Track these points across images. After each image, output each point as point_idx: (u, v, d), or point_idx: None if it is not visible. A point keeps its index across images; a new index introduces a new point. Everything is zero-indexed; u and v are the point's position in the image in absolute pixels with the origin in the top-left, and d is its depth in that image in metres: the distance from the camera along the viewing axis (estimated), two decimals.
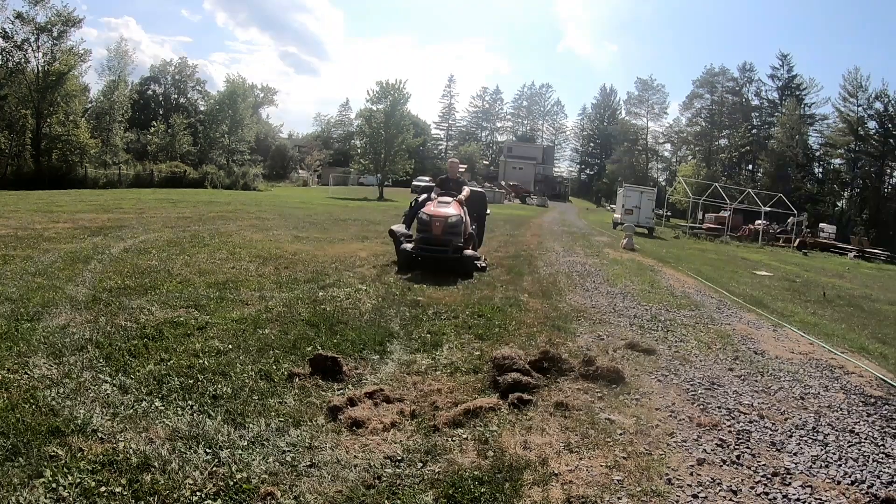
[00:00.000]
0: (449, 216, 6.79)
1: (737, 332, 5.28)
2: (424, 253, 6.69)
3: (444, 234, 6.68)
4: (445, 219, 6.74)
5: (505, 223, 17.87)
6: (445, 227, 6.70)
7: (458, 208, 7.07)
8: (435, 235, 6.68)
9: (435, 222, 6.74)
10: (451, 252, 6.64)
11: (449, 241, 6.68)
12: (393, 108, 35.95)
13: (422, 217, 6.93)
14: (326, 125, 76.13)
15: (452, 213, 6.85)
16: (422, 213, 6.98)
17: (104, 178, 29.47)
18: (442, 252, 6.63)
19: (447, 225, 6.72)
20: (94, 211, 11.64)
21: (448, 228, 6.72)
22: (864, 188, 48.90)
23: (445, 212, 6.86)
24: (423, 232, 6.83)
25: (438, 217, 6.78)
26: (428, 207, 7.05)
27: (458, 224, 6.84)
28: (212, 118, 44.23)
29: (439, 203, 7.10)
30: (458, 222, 6.86)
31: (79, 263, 5.54)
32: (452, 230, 6.75)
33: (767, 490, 2.32)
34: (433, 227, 6.73)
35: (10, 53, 28.44)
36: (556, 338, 4.29)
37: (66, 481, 1.90)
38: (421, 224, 6.93)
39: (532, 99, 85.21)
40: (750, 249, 21.48)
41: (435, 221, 6.74)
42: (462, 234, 6.93)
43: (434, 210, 6.93)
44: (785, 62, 58.97)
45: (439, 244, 6.65)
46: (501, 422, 2.70)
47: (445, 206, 7.02)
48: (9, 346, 3.07)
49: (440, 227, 6.69)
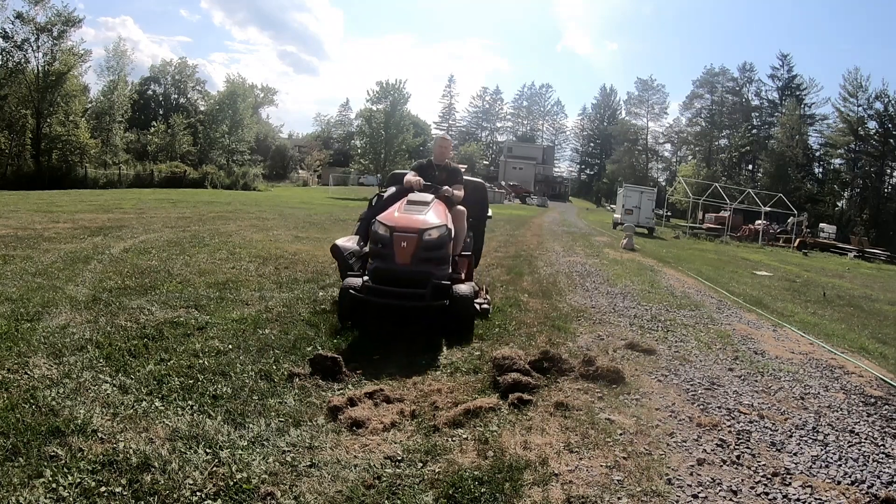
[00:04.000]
0: (425, 228, 3.93)
1: (737, 332, 5.28)
2: (380, 298, 3.77)
3: (417, 262, 3.86)
4: (418, 233, 3.88)
5: (505, 223, 17.87)
6: (418, 248, 3.86)
7: (443, 213, 4.25)
8: (399, 264, 3.85)
9: (399, 241, 3.85)
10: (429, 295, 3.79)
11: (425, 273, 3.86)
12: (393, 108, 36.02)
13: (376, 230, 4.00)
14: (326, 125, 76.27)
15: (432, 224, 3.98)
16: (377, 221, 4.06)
17: (104, 178, 29.51)
18: (412, 295, 3.79)
19: (421, 244, 3.88)
20: (94, 211, 11.64)
21: (423, 251, 3.89)
22: (864, 188, 48.89)
23: (418, 220, 3.98)
24: (378, 257, 3.97)
25: (405, 230, 3.88)
26: (389, 212, 4.17)
27: (441, 241, 3.99)
28: (212, 118, 44.30)
29: (409, 205, 4.20)
30: (442, 238, 4.00)
31: (79, 263, 5.54)
32: (431, 253, 3.94)
33: (767, 490, 2.32)
34: (396, 248, 3.86)
35: (10, 53, 28.49)
36: (556, 338, 4.29)
37: (66, 481, 1.89)
38: (376, 242, 4.01)
39: (532, 99, 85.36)
40: (750, 249, 21.48)
41: (399, 239, 3.86)
42: (448, 257, 4.13)
43: (398, 218, 4.01)
44: (785, 62, 59.11)
45: (407, 279, 3.83)
46: (501, 422, 2.70)
47: (419, 209, 4.13)
48: (9, 346, 3.06)
49: (409, 249, 3.85)
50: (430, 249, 3.94)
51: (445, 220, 4.17)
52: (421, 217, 4.05)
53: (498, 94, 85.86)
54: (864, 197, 48.65)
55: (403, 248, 3.86)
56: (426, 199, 4.30)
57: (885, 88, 46.97)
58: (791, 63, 58.89)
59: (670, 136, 69.64)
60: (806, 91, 57.24)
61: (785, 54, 60.44)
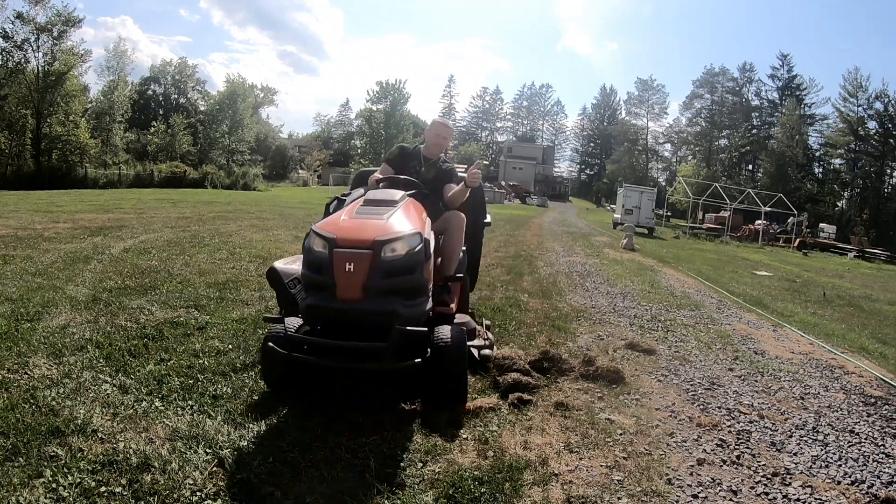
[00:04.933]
0: (384, 240, 2.53)
1: (737, 332, 5.28)
2: (310, 356, 2.48)
3: (372, 295, 2.49)
4: (372, 249, 2.49)
5: (505, 223, 17.87)
6: (373, 271, 2.48)
7: (417, 217, 2.88)
8: (343, 299, 2.48)
9: (342, 261, 2.48)
10: (391, 349, 2.44)
11: (386, 313, 2.48)
12: (393, 108, 36.06)
13: (310, 246, 2.63)
14: (326, 125, 76.21)
15: (395, 233, 2.60)
16: (311, 232, 2.66)
17: (104, 178, 29.52)
18: (364, 352, 2.46)
19: (378, 266, 2.49)
20: (94, 211, 11.64)
21: (382, 276, 2.50)
22: (864, 188, 48.88)
23: (373, 228, 2.61)
24: (314, 288, 2.59)
25: (352, 244, 2.51)
26: (332, 218, 2.84)
27: (411, 261, 2.58)
28: (212, 118, 44.32)
29: (367, 206, 2.87)
30: (413, 256, 2.58)
31: (79, 263, 5.54)
32: (395, 280, 2.54)
33: (767, 490, 2.32)
34: (338, 273, 2.48)
35: (10, 53, 28.51)
36: (556, 338, 4.29)
37: (66, 481, 1.89)
38: (310, 265, 2.62)
39: (532, 99, 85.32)
40: (750, 249, 21.48)
41: (342, 259, 2.48)
42: (424, 285, 2.69)
43: (344, 226, 2.66)
44: (785, 62, 59.07)
45: (357, 323, 2.54)
46: (501, 422, 2.70)
47: (379, 212, 2.77)
48: (9, 346, 3.06)
49: (358, 275, 2.47)
50: (394, 273, 2.48)
51: (419, 227, 2.67)
52: (379, 223, 2.60)
53: (498, 94, 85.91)
54: (864, 197, 48.64)
55: (349, 273, 2.40)
56: (392, 196, 2.91)
57: (885, 88, 47.02)
58: (791, 63, 58.92)
59: (670, 136, 69.65)
60: (806, 91, 57.26)
61: (785, 54, 60.48)
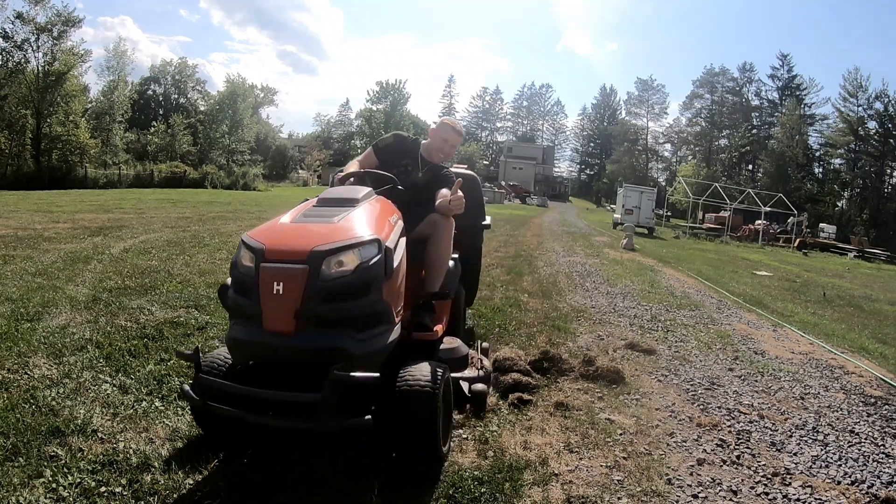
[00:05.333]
0: (324, 250, 1.86)
1: (737, 332, 5.29)
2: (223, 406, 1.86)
3: (309, 327, 1.83)
4: (307, 263, 1.83)
5: (505, 223, 17.87)
6: (310, 294, 1.82)
7: (377, 220, 2.17)
8: (271, 332, 1.83)
9: (269, 279, 1.82)
10: (324, 403, 1.76)
11: (326, 351, 1.83)
12: (393, 108, 36.09)
13: (239, 259, 1.96)
14: (326, 125, 76.10)
15: (340, 240, 1.91)
16: (241, 242, 1.97)
17: (104, 179, 29.49)
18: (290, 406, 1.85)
19: (316, 287, 1.82)
20: (94, 211, 11.64)
21: (322, 301, 1.83)
22: (864, 188, 48.86)
23: (312, 235, 1.96)
24: (241, 317, 1.93)
25: (281, 257, 1.86)
26: (270, 223, 2.13)
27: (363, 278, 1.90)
28: (212, 118, 44.30)
29: (319, 206, 2.23)
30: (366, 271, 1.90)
31: (79, 263, 5.54)
32: (340, 306, 1.86)
33: (767, 490, 2.32)
34: (264, 297, 1.83)
35: (10, 53, 28.48)
36: (556, 338, 4.29)
37: (66, 481, 1.90)
38: (236, 285, 1.97)
39: (532, 99, 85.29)
40: (750, 249, 21.48)
41: (269, 276, 1.83)
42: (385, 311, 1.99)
43: (278, 231, 2.04)
44: (785, 62, 59.09)
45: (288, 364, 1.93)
46: (501, 422, 2.70)
47: (327, 214, 2.11)
48: (9, 346, 3.06)
49: (288, 300, 1.81)
50: (339, 296, 1.86)
51: (379, 233, 2.03)
52: (323, 228, 1.99)
53: (498, 94, 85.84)
54: (864, 197, 48.63)
55: (277, 295, 1.81)
56: (353, 194, 2.28)
57: (885, 88, 47.01)
58: (791, 63, 58.93)
59: (670, 136, 69.65)
60: (806, 91, 57.27)
61: (785, 54, 60.48)
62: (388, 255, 2.03)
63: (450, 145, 3.07)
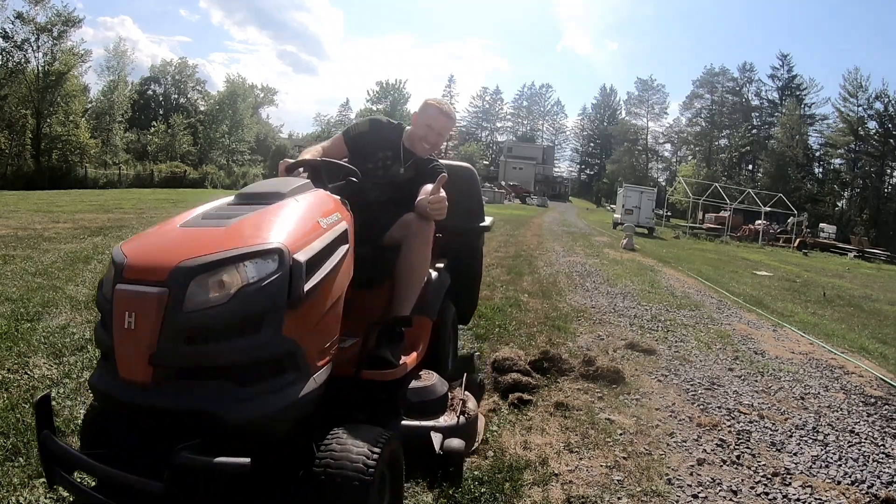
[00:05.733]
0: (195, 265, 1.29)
1: (737, 332, 5.28)
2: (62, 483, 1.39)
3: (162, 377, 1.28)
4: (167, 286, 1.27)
5: (505, 223, 17.86)
6: (162, 335, 1.26)
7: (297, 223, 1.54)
8: (124, 380, 1.29)
9: (122, 309, 1.27)
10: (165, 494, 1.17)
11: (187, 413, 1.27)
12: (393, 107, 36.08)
13: (104, 280, 1.42)
14: (326, 125, 76.03)
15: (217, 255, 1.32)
16: (112, 252, 1.42)
17: (104, 178, 29.54)
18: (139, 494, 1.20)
19: (174, 325, 1.26)
20: (95, 211, 11.64)
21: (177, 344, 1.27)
22: (864, 188, 48.89)
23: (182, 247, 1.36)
24: (103, 356, 1.44)
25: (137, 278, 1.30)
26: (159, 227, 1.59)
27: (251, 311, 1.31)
28: (212, 118, 44.36)
29: (231, 206, 1.67)
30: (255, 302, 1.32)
31: (79, 263, 5.53)
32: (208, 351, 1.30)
33: (767, 490, 2.32)
34: (116, 336, 1.29)
35: (11, 53, 28.55)
36: (556, 338, 4.29)
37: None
38: (101, 312, 1.42)
39: (532, 99, 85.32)
40: (750, 249, 21.48)
41: (122, 304, 1.27)
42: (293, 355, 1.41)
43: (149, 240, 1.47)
44: (785, 62, 59.15)
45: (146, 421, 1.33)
46: (501, 422, 2.70)
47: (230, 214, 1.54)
48: (9, 346, 3.06)
49: (140, 342, 1.26)
50: (210, 335, 1.31)
51: (286, 240, 1.45)
52: (209, 234, 1.45)
53: (498, 94, 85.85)
54: (864, 197, 48.65)
55: (129, 332, 1.29)
56: (279, 188, 1.75)
57: (885, 88, 47.08)
58: (791, 63, 58.99)
59: (670, 136, 69.69)
60: (806, 91, 57.30)
61: (785, 54, 60.53)
62: (297, 271, 1.41)
63: (436, 132, 2.43)
